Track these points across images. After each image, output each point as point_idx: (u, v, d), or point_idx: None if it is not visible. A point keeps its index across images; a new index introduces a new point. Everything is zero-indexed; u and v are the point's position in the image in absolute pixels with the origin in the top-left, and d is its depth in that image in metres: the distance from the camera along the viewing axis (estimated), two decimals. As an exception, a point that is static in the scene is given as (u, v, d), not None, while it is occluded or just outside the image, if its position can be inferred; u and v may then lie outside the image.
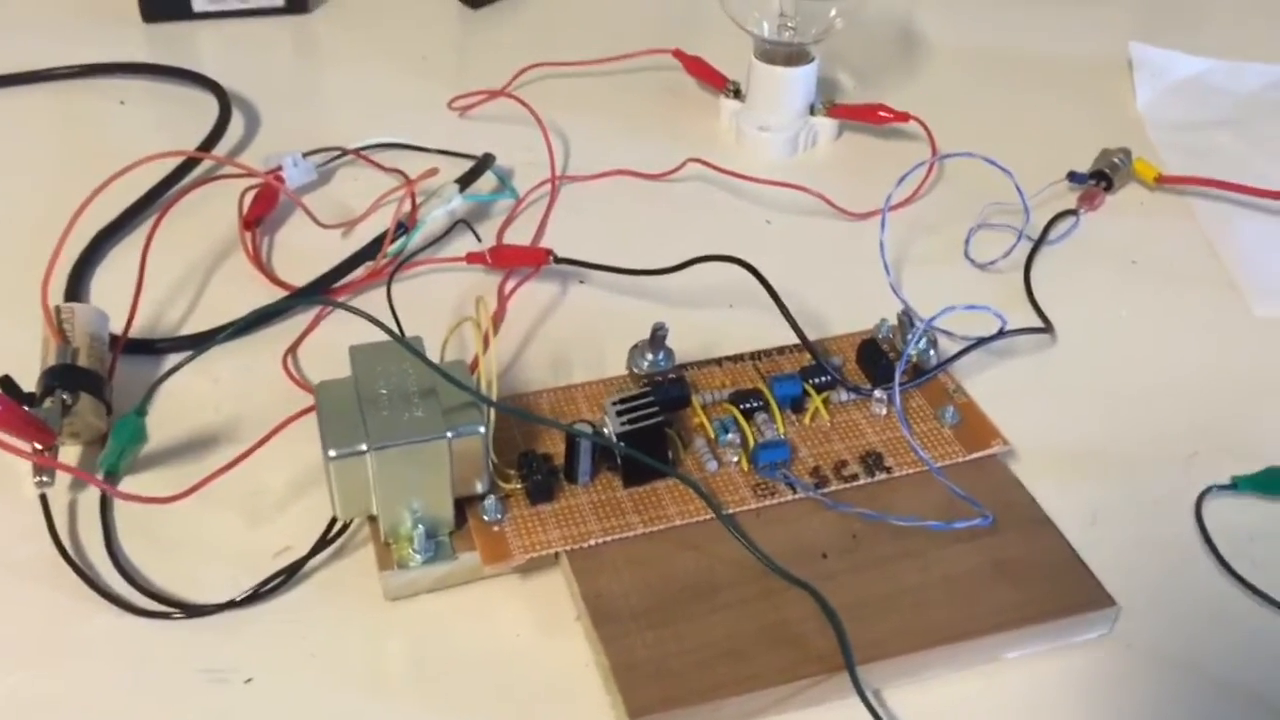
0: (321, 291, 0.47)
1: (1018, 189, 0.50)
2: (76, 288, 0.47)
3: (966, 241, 0.52)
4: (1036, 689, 0.35)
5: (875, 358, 0.42)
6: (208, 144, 0.55)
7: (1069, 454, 0.42)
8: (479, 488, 0.37)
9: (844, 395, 0.42)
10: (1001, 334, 0.44)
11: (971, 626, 0.35)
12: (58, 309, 0.42)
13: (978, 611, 0.35)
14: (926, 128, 0.57)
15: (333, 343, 0.46)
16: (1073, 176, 0.56)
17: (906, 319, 0.43)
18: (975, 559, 0.37)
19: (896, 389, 0.40)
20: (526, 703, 0.34)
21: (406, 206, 0.50)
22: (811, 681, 0.33)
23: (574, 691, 0.34)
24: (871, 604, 0.35)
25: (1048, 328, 0.47)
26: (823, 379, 0.42)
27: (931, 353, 0.42)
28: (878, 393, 0.41)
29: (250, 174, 0.51)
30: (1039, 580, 0.36)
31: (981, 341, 0.44)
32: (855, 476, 0.39)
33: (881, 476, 0.39)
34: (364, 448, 0.35)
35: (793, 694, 0.33)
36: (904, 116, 0.57)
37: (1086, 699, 0.35)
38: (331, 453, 0.35)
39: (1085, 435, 0.43)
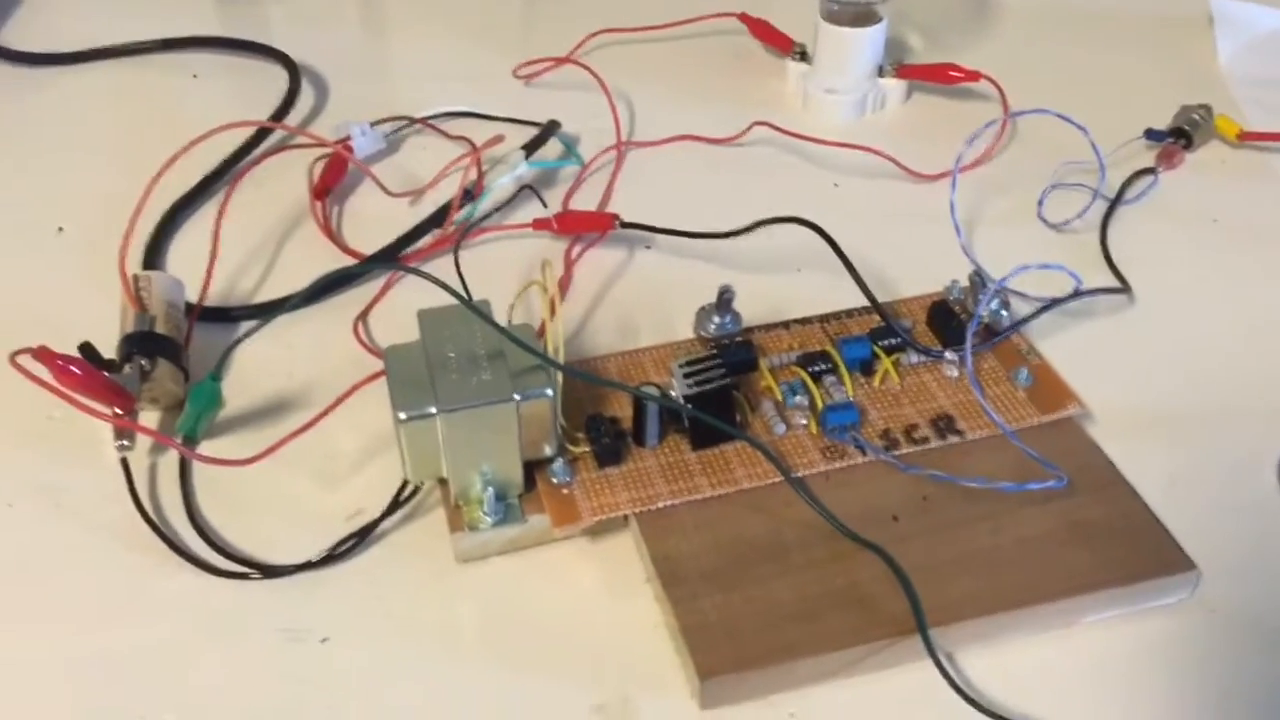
0: (391, 259, 0.48)
1: (1093, 147, 0.49)
2: (154, 257, 0.48)
3: (1040, 202, 0.51)
4: (1114, 653, 0.34)
5: (946, 319, 0.42)
6: (278, 115, 0.56)
7: (1147, 416, 0.41)
8: (547, 450, 0.37)
9: (914, 357, 0.41)
10: (1077, 294, 0.43)
11: (1046, 589, 0.34)
12: (135, 277, 0.43)
13: (1053, 574, 0.35)
14: (999, 86, 0.56)
15: (402, 309, 0.46)
16: (1150, 134, 0.54)
17: (978, 279, 0.42)
18: (1050, 522, 0.36)
19: (968, 350, 0.39)
20: (597, 663, 0.34)
21: (473, 174, 0.50)
22: (883, 644, 0.33)
23: (644, 653, 0.35)
24: (943, 567, 0.35)
25: (1125, 288, 0.46)
26: (892, 341, 0.41)
27: (1004, 314, 0.42)
28: (949, 354, 0.40)
29: (320, 144, 0.51)
30: (1116, 543, 0.35)
31: (1056, 302, 0.43)
32: (926, 439, 0.39)
33: (953, 439, 0.39)
34: (433, 410, 0.35)
35: (864, 656, 0.33)
36: (975, 75, 0.56)
37: (1165, 664, 0.34)
38: (401, 415, 0.35)
39: (1164, 397, 0.42)
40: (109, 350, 0.41)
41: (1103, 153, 0.49)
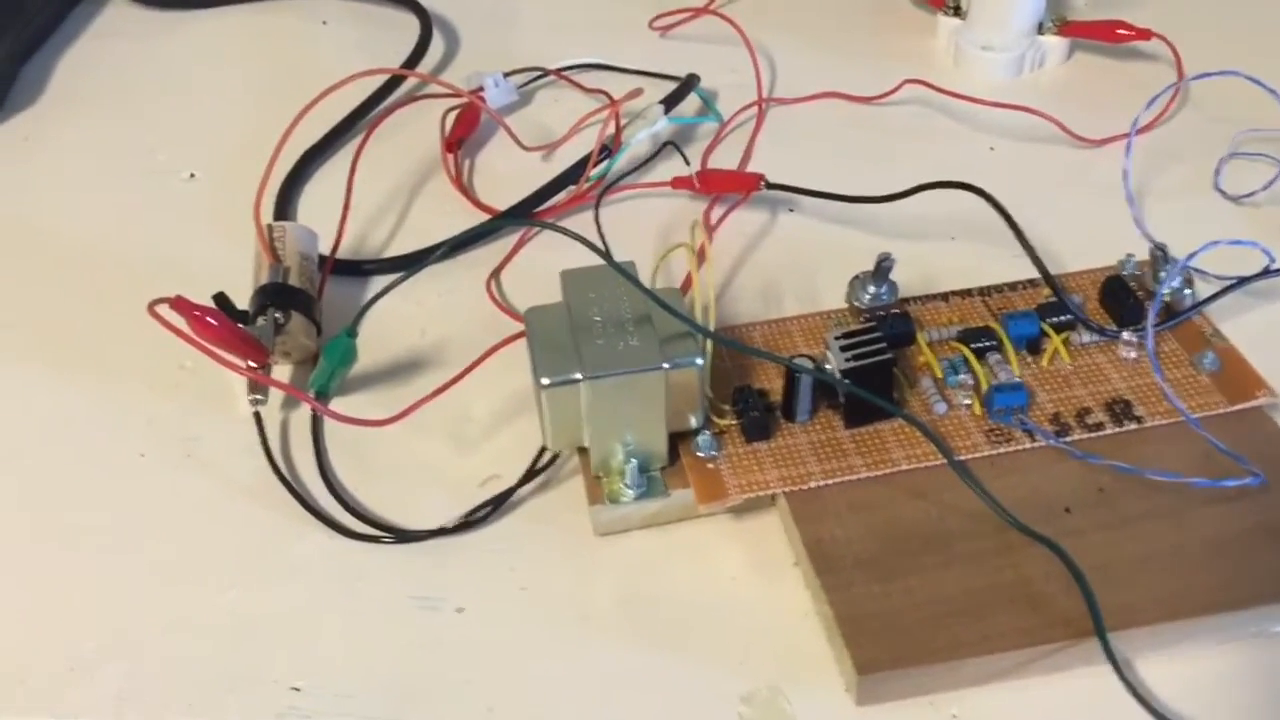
0: (524, 215, 0.46)
1: (1285, 112, 0.45)
2: (284, 206, 0.47)
3: (1216, 172, 0.47)
4: (1309, 668, 0.31)
5: (1122, 296, 0.39)
6: (409, 64, 0.54)
7: (1343, 409, 0.38)
8: (693, 422, 0.35)
9: (1085, 337, 0.38)
10: (1266, 273, 0.40)
11: (1237, 596, 0.31)
12: (269, 227, 0.42)
13: (1244, 579, 0.32)
14: (1172, 46, 0.52)
15: (533, 268, 0.45)
16: (1341, 101, 0.50)
17: (1160, 255, 0.39)
18: (1241, 522, 0.33)
19: (1150, 330, 0.36)
20: (741, 649, 0.33)
21: (610, 129, 0.48)
22: (1056, 646, 0.31)
23: (792, 641, 0.33)
24: (1122, 566, 0.32)
25: (1316, 268, 0.42)
26: (1062, 318, 0.38)
27: (1187, 292, 0.38)
28: (1127, 335, 0.37)
29: (456, 94, 0.50)
30: (1314, 548, 0.32)
31: (1243, 281, 0.40)
32: (1101, 425, 0.36)
33: (1131, 426, 0.36)
34: (578, 376, 0.34)
35: (1035, 658, 0.31)
36: (1145, 34, 0.52)
37: (1367, 682, 0.31)
38: (544, 381, 0.34)
39: (1360, 388, 0.39)
40: (240, 300, 0.40)
41: (1292, 120, 0.46)
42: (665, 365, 0.34)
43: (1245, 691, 0.31)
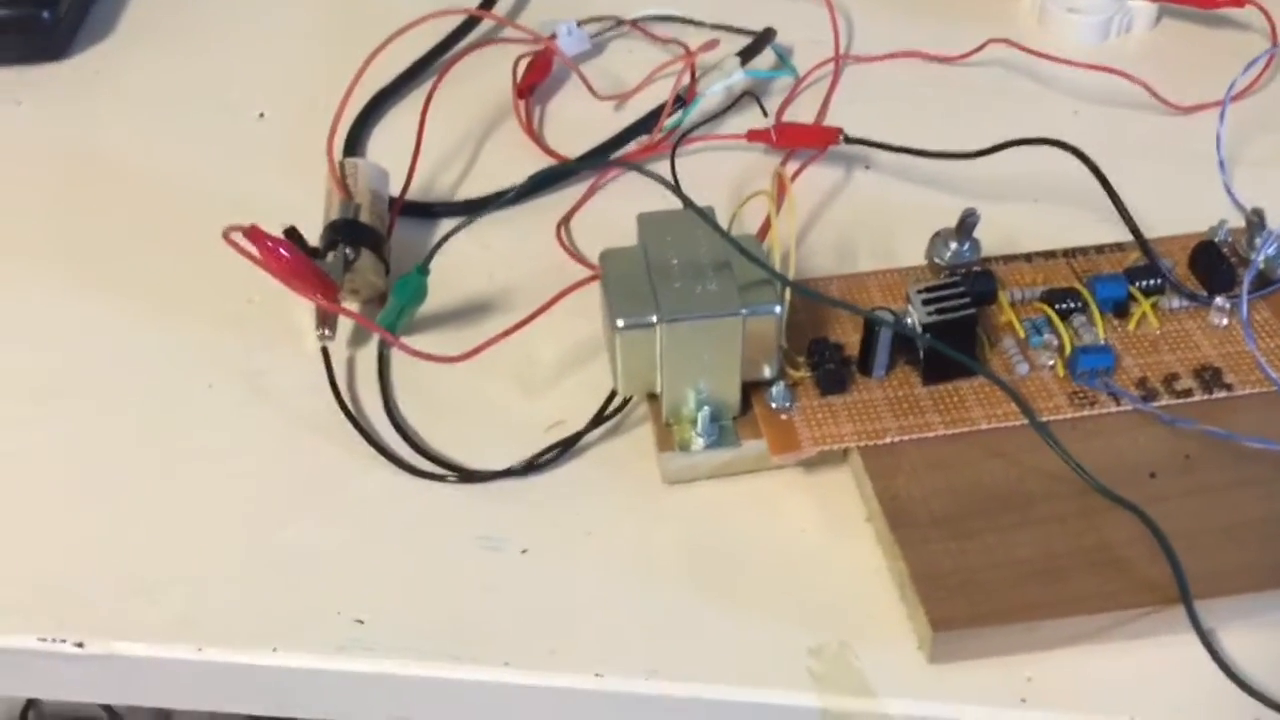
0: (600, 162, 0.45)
1: (1389, 81, 0.44)
2: (353, 147, 0.47)
3: (1310, 142, 0.46)
4: (1402, 647, 0.30)
5: (1214, 263, 0.38)
6: (483, 8, 0.54)
7: None
8: (767, 372, 0.35)
9: (1175, 302, 0.37)
10: (1365, 245, 0.39)
11: (1329, 569, 0.30)
12: (342, 164, 0.41)
13: (1336, 553, 0.31)
14: (1267, 13, 0.50)
15: (603, 216, 0.44)
16: None
17: (1257, 220, 0.37)
18: (1334, 494, 0.32)
19: (1244, 297, 0.35)
20: (810, 603, 0.32)
21: (686, 79, 0.47)
22: (1138, 612, 0.30)
23: (863, 596, 0.32)
24: (1208, 533, 0.31)
25: None
26: (1151, 282, 0.37)
27: (1281, 260, 0.37)
28: (1219, 301, 0.36)
29: (535, 38, 0.49)
30: None
31: (1341, 252, 0.39)
32: (1189, 391, 0.35)
33: (1221, 394, 0.35)
34: (654, 320, 0.33)
35: (1115, 624, 0.30)
36: (1240, 0, 0.51)
37: None
38: (620, 323, 0.33)
39: None
40: (310, 238, 0.40)
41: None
42: (744, 311, 0.33)
43: (1333, 668, 0.30)
